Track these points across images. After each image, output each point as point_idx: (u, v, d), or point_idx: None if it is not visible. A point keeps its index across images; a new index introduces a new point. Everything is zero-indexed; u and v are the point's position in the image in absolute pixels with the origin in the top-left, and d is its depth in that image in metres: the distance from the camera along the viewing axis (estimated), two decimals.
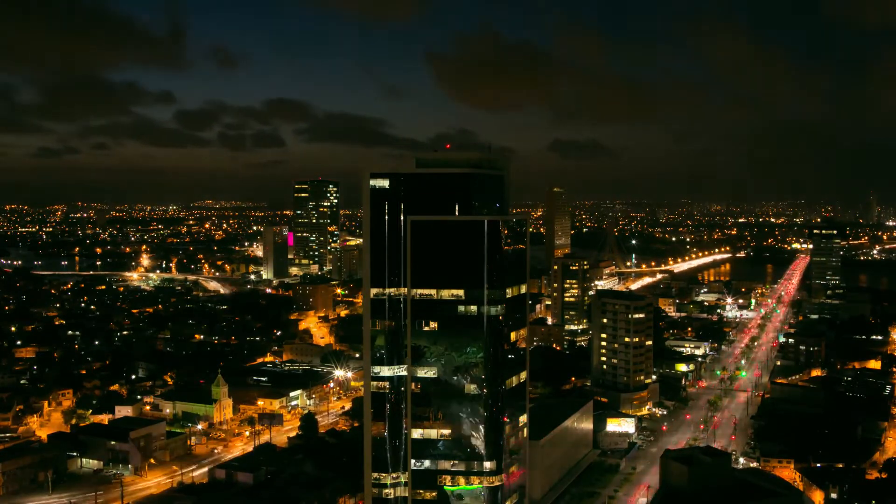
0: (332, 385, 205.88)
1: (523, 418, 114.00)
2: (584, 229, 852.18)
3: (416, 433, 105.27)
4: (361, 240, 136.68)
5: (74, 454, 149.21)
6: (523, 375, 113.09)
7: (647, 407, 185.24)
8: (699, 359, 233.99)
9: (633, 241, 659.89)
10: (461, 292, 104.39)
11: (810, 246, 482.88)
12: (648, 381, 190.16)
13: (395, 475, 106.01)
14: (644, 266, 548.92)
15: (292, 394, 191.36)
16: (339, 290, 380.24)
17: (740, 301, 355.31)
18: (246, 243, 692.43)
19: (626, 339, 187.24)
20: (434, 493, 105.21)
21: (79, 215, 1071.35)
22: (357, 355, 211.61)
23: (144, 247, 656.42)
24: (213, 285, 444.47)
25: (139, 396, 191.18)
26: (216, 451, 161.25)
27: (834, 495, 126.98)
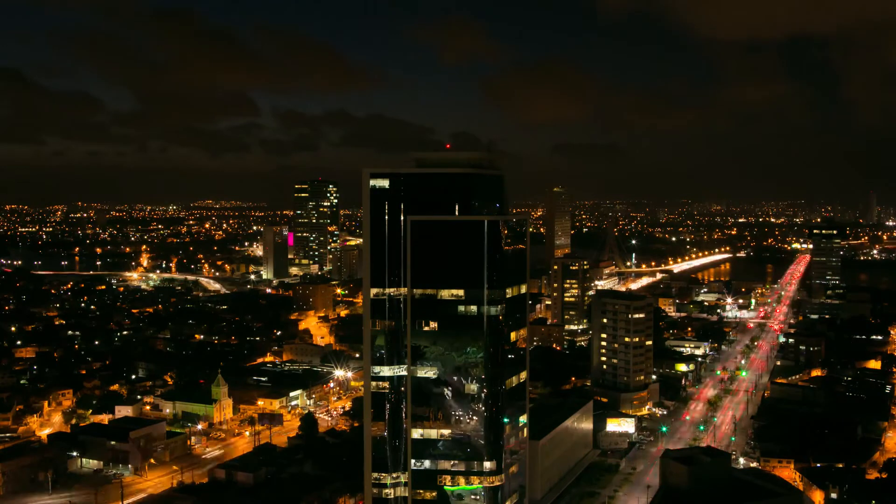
0: (332, 385, 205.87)
1: (523, 418, 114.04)
2: (584, 229, 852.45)
3: (416, 433, 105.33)
4: (361, 240, 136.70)
5: (74, 454, 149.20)
6: (523, 375, 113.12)
7: (647, 407, 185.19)
8: (699, 359, 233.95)
9: (633, 241, 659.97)
10: (461, 292, 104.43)
11: (810, 246, 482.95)
12: (648, 381, 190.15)
13: (395, 475, 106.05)
14: (644, 266, 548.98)
15: (292, 394, 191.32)
16: (339, 290, 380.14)
17: (740, 301, 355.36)
18: (246, 243, 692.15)
19: (626, 339, 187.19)
20: (434, 493, 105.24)
21: (79, 215, 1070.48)
22: (357, 355, 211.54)
23: (144, 247, 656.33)
24: (213, 285, 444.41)
25: (139, 396, 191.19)
26: (216, 451, 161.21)
27: (834, 495, 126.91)
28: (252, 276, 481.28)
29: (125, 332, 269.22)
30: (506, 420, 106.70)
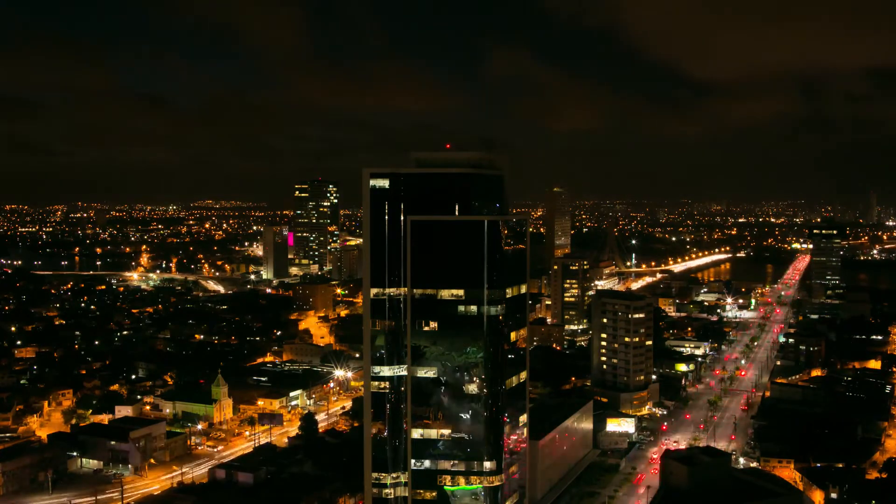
0: (332, 385, 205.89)
1: (523, 418, 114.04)
2: (584, 229, 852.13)
3: (416, 433, 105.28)
4: (361, 240, 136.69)
5: (74, 454, 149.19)
6: (523, 375, 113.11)
7: (647, 407, 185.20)
8: (699, 359, 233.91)
9: (633, 241, 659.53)
10: (461, 292, 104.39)
11: (810, 246, 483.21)
12: (648, 381, 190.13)
13: (395, 475, 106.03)
14: (644, 266, 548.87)
15: (292, 394, 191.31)
16: (339, 290, 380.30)
17: (740, 301, 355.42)
18: (246, 243, 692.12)
19: (626, 339, 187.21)
20: (434, 493, 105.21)
21: (79, 215, 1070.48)
22: (357, 355, 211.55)
23: (144, 247, 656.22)
24: (213, 285, 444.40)
25: (139, 396, 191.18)
26: (216, 451, 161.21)
27: (834, 495, 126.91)
28: (252, 276, 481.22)
29: (125, 332, 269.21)
30: (506, 420, 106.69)
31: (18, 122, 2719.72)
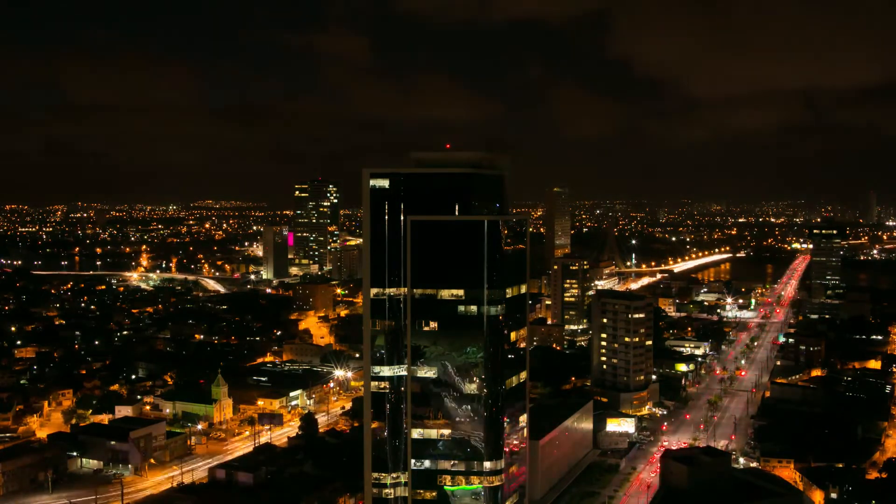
0: (332, 385, 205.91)
1: (523, 418, 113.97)
2: (584, 229, 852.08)
3: (416, 433, 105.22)
4: (361, 240, 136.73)
5: (74, 454, 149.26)
6: (523, 375, 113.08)
7: (647, 407, 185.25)
8: (699, 359, 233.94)
9: (633, 241, 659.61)
10: (461, 292, 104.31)
11: (810, 246, 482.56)
12: (648, 381, 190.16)
13: (395, 475, 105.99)
14: (644, 266, 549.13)
15: (292, 394, 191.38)
16: (339, 290, 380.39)
17: (740, 301, 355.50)
18: (246, 243, 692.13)
19: (626, 339, 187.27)
20: (434, 493, 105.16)
21: (79, 215, 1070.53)
22: (357, 355, 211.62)
23: (144, 247, 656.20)
24: (213, 285, 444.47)
25: (139, 396, 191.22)
26: (216, 451, 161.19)
27: (834, 495, 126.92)
28: (252, 276, 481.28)
29: (125, 332, 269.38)
30: (506, 420, 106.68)
31: (70, 125, 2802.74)
